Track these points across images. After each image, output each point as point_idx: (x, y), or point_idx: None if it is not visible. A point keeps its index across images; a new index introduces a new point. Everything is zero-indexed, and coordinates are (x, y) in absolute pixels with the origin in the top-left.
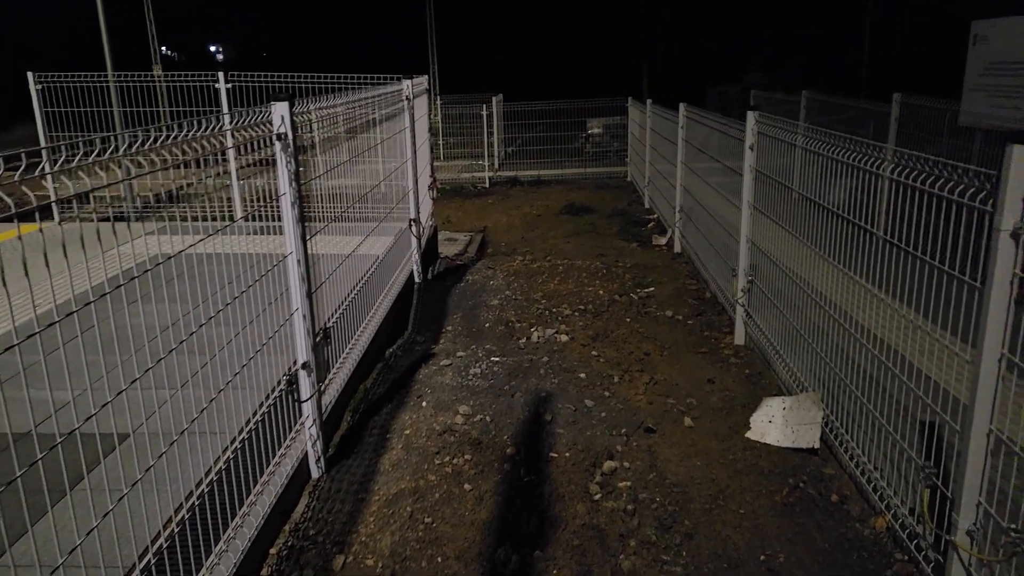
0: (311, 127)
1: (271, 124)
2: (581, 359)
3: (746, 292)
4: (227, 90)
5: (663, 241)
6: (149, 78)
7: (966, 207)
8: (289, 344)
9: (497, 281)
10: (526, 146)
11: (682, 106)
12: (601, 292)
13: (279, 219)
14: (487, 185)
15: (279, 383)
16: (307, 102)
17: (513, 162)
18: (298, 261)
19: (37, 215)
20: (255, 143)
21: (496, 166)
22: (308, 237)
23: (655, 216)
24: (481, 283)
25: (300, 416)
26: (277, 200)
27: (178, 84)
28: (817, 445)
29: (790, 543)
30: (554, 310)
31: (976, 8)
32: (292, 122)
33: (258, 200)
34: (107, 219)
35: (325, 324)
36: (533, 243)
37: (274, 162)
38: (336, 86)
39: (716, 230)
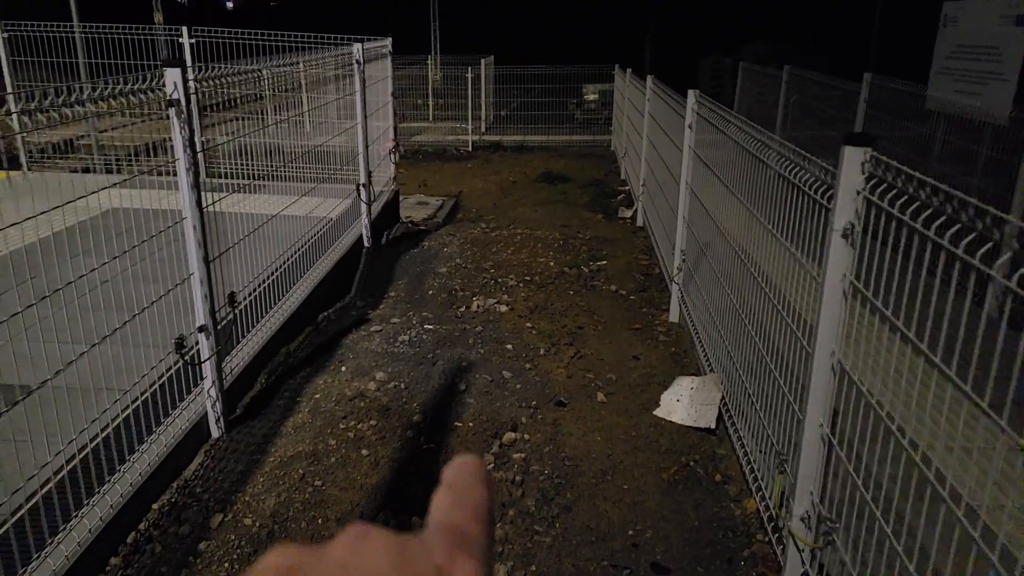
0: (216, 92)
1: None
2: (514, 330)
3: (680, 270)
4: (191, 45)
5: (629, 214)
6: (114, 30)
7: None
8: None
9: (452, 248)
10: (520, 111)
11: (650, 78)
12: (552, 264)
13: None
14: (470, 149)
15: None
16: (251, 62)
17: (500, 127)
18: (194, 227)
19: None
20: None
21: (483, 130)
22: (213, 202)
23: (628, 188)
24: (436, 250)
25: (202, 378)
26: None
27: (142, 37)
28: (713, 425)
29: (663, 520)
30: (500, 280)
31: None
32: (185, 88)
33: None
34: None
35: (232, 290)
36: (502, 210)
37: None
38: (304, 46)
39: (665, 205)
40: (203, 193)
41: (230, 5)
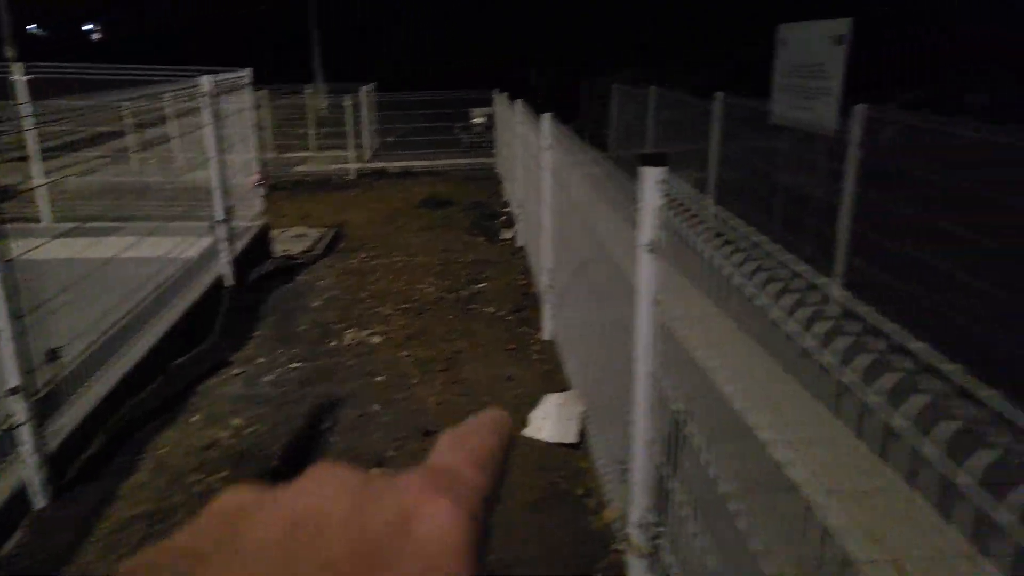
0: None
1: None
2: (388, 361)
3: (552, 288)
4: (27, 82)
5: (510, 235)
6: None
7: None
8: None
9: (328, 280)
10: (405, 137)
11: (519, 102)
12: (431, 290)
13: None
14: (353, 178)
15: None
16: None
17: (384, 153)
18: None
19: None
20: None
21: (366, 157)
22: (29, 250)
23: (509, 209)
24: (310, 283)
25: (19, 444)
26: None
27: None
28: (575, 440)
29: (530, 541)
30: (377, 310)
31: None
32: None
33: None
34: None
35: (56, 345)
36: (384, 238)
37: None
38: (164, 79)
39: (537, 225)
40: (3, 242)
41: (96, 36)
